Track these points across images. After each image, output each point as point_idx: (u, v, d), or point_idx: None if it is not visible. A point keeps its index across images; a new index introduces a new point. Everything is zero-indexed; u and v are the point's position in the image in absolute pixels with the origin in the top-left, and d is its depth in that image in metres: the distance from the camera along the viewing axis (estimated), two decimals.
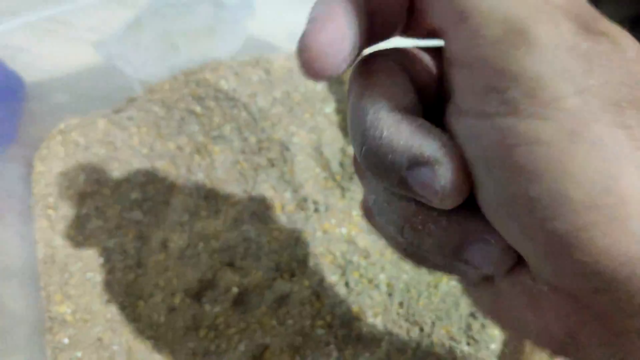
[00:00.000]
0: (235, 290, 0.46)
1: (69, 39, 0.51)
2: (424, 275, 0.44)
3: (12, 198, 0.48)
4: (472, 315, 0.42)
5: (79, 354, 0.43)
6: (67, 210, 0.48)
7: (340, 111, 0.54)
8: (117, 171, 0.50)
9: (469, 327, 0.41)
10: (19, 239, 0.47)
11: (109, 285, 0.46)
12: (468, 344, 0.40)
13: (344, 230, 0.48)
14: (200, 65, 0.53)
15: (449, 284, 0.44)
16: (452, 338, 0.41)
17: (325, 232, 0.48)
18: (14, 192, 0.48)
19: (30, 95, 0.53)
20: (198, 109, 0.52)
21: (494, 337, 0.41)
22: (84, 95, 0.52)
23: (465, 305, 0.42)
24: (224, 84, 0.52)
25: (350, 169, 0.50)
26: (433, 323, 0.42)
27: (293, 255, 0.47)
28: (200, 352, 0.44)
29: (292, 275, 0.47)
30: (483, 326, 0.41)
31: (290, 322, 0.44)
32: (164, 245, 0.49)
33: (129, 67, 0.50)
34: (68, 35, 0.51)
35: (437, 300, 0.43)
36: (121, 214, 0.49)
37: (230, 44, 0.52)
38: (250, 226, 0.49)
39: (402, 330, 0.42)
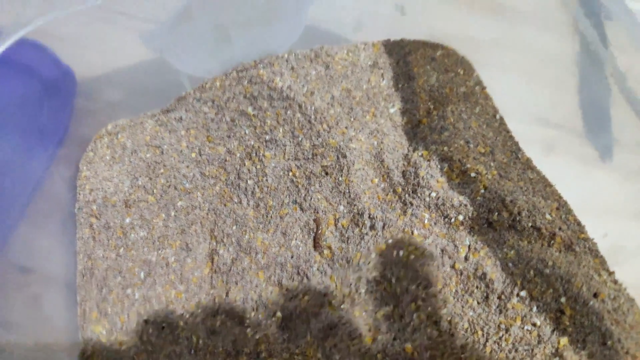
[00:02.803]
0: (279, 314, 0.42)
1: (118, 29, 0.48)
2: (494, 315, 0.38)
3: (58, 203, 0.46)
4: None
5: None
6: (110, 219, 0.46)
7: (406, 111, 0.48)
8: (163, 177, 0.47)
9: None
10: (61, 247, 0.45)
11: (148, 302, 0.43)
12: None
13: (402, 253, 0.42)
14: (254, 60, 0.48)
15: (524, 328, 0.37)
16: None
17: (380, 254, 0.42)
18: (60, 197, 0.47)
19: (80, 91, 0.50)
20: (250, 109, 0.48)
21: None
22: (134, 92, 0.49)
23: (541, 356, 0.36)
24: (278, 82, 0.47)
25: (414, 180, 0.44)
26: None
27: (344, 279, 0.42)
28: None
29: (342, 302, 0.42)
30: None
31: (336, 357, 0.40)
32: (210, 258, 0.45)
33: (178, 61, 0.46)
34: (117, 25, 0.47)
35: (507, 347, 0.36)
36: (166, 223, 0.46)
37: (288, 35, 0.47)
38: (300, 242, 0.44)
39: None
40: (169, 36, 0.44)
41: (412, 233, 0.43)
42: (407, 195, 0.44)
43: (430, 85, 0.48)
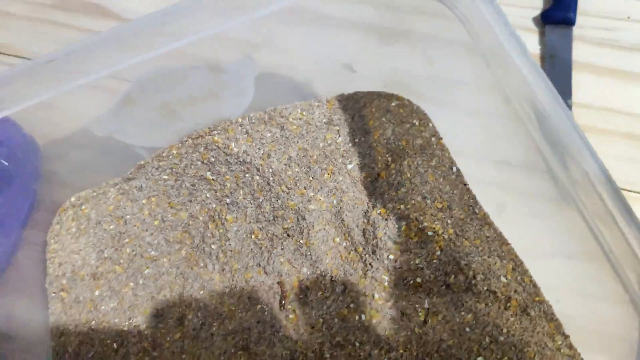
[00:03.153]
0: None
1: (69, 106, 0.47)
2: None
3: (29, 281, 0.47)
4: None
5: None
6: (80, 293, 0.47)
7: (364, 166, 0.48)
8: (129, 247, 0.48)
9: None
10: (38, 323, 0.47)
11: None
12: None
13: (363, 317, 0.43)
14: (209, 126, 0.48)
15: None
16: None
17: (342, 318, 0.43)
18: (31, 274, 0.48)
19: (44, 155, 0.50)
20: (209, 174, 0.48)
21: None
22: (94, 167, 0.49)
23: None
24: (234, 147, 0.48)
25: (373, 240, 0.45)
26: None
27: (309, 344, 0.43)
28: None
29: None
30: None
31: None
32: (181, 322, 0.47)
33: (131, 138, 0.46)
34: (68, 104, 0.47)
35: None
36: (135, 292, 0.47)
37: (239, 102, 0.47)
38: (265, 306, 0.46)
39: None
40: (116, 120, 0.45)
41: (373, 296, 0.44)
42: (367, 255, 0.45)
43: (386, 138, 0.48)
